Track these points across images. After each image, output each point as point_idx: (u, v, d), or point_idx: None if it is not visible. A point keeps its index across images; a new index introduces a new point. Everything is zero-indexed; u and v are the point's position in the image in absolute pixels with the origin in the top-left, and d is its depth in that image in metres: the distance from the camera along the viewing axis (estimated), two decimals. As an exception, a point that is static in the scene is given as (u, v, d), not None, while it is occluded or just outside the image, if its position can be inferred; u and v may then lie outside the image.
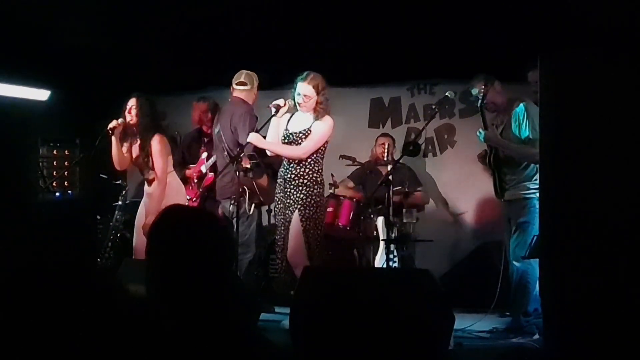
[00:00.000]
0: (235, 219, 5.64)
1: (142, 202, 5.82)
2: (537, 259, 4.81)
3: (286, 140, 5.33)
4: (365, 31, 6.52)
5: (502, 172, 5.45)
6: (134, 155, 5.65)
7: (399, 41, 6.62)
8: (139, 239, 5.64)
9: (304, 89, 5.24)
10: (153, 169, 5.58)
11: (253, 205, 5.91)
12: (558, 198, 3.95)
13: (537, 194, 5.17)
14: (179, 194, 5.73)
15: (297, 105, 5.31)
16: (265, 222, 6.64)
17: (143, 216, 5.65)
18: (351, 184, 7.04)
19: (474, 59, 6.22)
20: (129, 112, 5.54)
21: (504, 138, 5.38)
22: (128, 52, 6.84)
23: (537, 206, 5.12)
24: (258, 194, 5.83)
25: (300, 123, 5.34)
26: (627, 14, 4.89)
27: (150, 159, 5.55)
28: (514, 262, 5.30)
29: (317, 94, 5.23)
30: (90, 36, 6.31)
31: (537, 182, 5.17)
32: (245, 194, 5.83)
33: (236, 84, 6.13)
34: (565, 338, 3.87)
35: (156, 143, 5.55)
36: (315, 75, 5.29)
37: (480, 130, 5.45)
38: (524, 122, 5.27)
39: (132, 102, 5.56)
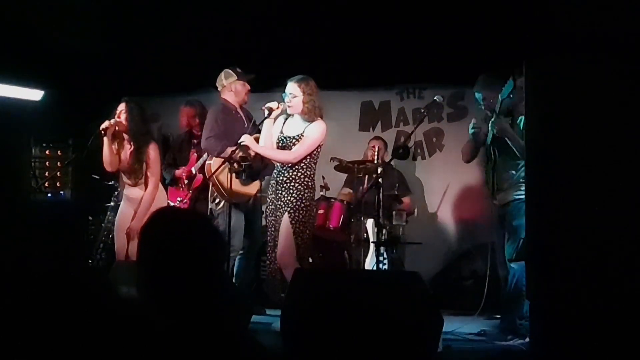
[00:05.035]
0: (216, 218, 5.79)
1: (123, 206, 5.84)
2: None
3: (281, 145, 5.37)
4: (356, 35, 6.56)
5: (500, 171, 5.41)
6: (123, 159, 5.68)
7: (388, 46, 6.66)
8: (120, 242, 5.68)
9: (291, 87, 5.30)
10: (147, 175, 5.65)
11: (222, 202, 5.97)
12: (544, 201, 4.00)
13: None
14: (161, 200, 5.86)
15: (287, 107, 5.35)
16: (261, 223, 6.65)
17: (126, 219, 5.69)
18: (347, 190, 7.06)
19: (462, 64, 6.27)
20: (119, 117, 5.59)
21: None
22: (121, 53, 6.85)
23: None
24: (222, 191, 5.85)
25: (294, 127, 5.37)
26: (612, 21, 4.94)
27: (144, 165, 5.62)
28: (512, 265, 5.29)
29: (303, 94, 5.26)
30: (84, 37, 6.33)
31: None
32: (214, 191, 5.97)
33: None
34: (552, 340, 3.92)
35: (153, 151, 5.66)
36: (305, 77, 5.33)
37: (493, 120, 5.26)
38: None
39: (121, 107, 5.62)
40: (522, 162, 5.21)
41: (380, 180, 5.71)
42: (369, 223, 6.64)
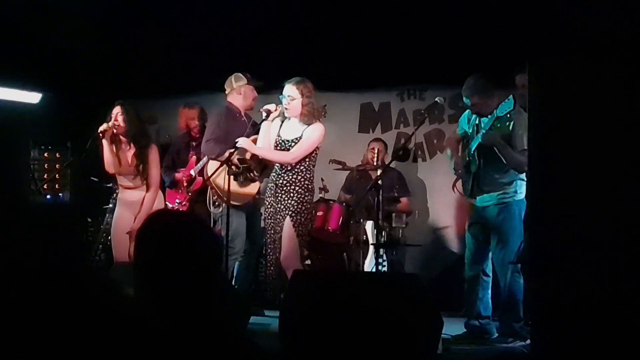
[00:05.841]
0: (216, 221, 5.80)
1: (119, 209, 5.83)
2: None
3: (279, 148, 5.37)
4: (355, 36, 6.56)
5: (482, 174, 5.37)
6: (124, 162, 5.67)
7: (388, 47, 6.65)
8: (117, 244, 5.68)
9: (289, 90, 5.29)
10: (148, 177, 5.65)
11: (221, 205, 5.97)
12: (545, 203, 3.99)
13: (514, 198, 5.20)
14: (160, 201, 5.87)
15: (284, 109, 5.34)
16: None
17: (123, 222, 5.68)
18: (344, 197, 7.06)
19: (464, 65, 6.26)
20: (116, 120, 5.57)
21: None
22: (119, 55, 6.85)
23: (517, 211, 5.15)
24: (220, 194, 5.84)
25: (292, 130, 5.36)
26: (614, 22, 4.94)
27: (147, 167, 5.62)
28: (507, 268, 5.26)
29: (302, 96, 5.25)
30: (82, 39, 6.32)
31: (515, 186, 5.20)
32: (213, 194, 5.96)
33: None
34: (553, 342, 3.91)
35: (153, 152, 5.68)
36: (303, 79, 5.32)
37: (483, 132, 5.23)
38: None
39: (117, 110, 5.60)
40: (508, 168, 5.20)
41: (379, 182, 5.69)
42: (369, 225, 6.64)
